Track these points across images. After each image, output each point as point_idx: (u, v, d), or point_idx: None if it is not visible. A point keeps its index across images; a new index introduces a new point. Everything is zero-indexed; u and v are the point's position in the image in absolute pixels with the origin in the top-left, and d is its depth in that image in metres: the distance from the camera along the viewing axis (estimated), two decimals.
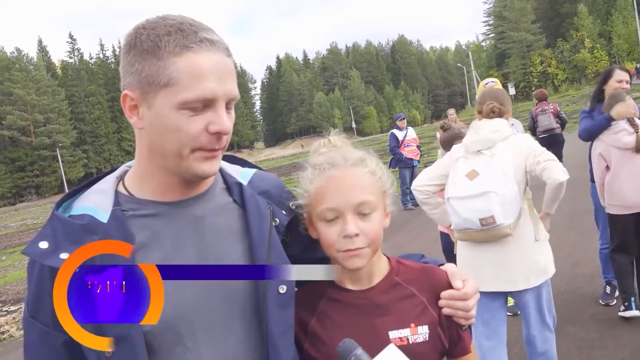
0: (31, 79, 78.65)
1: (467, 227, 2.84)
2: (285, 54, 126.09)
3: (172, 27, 1.01)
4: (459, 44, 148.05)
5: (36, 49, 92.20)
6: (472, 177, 2.85)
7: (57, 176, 77.24)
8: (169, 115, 1.01)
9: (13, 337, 7.10)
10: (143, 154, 1.11)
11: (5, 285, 10.98)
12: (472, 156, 2.96)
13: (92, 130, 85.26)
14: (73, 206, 1.11)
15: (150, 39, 1.01)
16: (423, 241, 8.24)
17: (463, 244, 3.07)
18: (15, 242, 19.46)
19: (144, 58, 1.01)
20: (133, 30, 1.04)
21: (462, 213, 2.81)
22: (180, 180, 1.12)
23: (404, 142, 11.29)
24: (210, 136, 1.04)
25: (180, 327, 1.06)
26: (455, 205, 2.84)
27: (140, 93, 1.03)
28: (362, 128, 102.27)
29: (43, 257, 1.01)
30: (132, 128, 1.09)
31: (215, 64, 1.03)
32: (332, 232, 1.19)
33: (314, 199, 1.21)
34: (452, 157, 3.09)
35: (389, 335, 1.21)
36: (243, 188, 1.22)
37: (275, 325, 1.11)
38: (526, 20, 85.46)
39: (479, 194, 2.78)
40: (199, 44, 1.01)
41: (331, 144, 1.30)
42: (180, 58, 1.00)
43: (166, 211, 1.12)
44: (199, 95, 1.00)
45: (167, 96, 1.01)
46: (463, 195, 2.83)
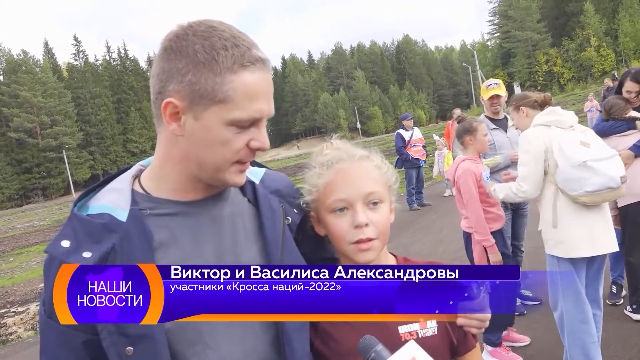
0: (38, 81, 79.03)
1: (610, 186, 2.99)
2: (290, 55, 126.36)
3: (228, 41, 1.02)
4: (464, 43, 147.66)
5: (42, 51, 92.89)
6: (587, 146, 3.05)
7: (63, 178, 77.55)
8: (218, 130, 1.03)
9: (21, 338, 7.14)
10: (173, 158, 1.11)
11: (12, 286, 11.05)
12: (568, 131, 3.14)
13: (98, 131, 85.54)
14: (89, 205, 1.12)
15: (205, 51, 1.00)
16: (428, 242, 8.24)
17: (575, 214, 3.11)
18: (22, 243, 19.56)
19: (199, 70, 1.01)
20: (182, 35, 1.03)
21: (608, 171, 2.97)
22: (204, 184, 1.14)
23: (410, 142, 11.28)
24: (249, 151, 1.08)
25: (200, 324, 1.06)
26: (598, 166, 2.97)
27: (188, 103, 1.03)
28: (367, 128, 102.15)
29: (66, 255, 1.01)
30: (137, 129, 1.06)
31: (266, 85, 1.06)
32: (342, 224, 1.21)
33: (323, 193, 1.24)
34: (539, 143, 3.17)
35: (399, 330, 1.22)
36: (256, 187, 1.24)
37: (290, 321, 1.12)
38: (531, 20, 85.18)
39: (612, 155, 3.04)
40: (254, 63, 1.03)
41: (334, 147, 1.33)
42: (236, 76, 1.01)
43: (184, 210, 1.13)
44: (251, 115, 1.04)
45: (219, 112, 1.02)
46: (602, 156, 3.01)
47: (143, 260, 1.03)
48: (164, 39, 1.06)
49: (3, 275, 12.93)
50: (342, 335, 1.21)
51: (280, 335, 1.13)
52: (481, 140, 3.80)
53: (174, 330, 1.04)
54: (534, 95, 3.54)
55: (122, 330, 1.00)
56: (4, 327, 7.64)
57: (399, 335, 1.21)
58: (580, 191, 3.00)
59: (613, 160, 3.02)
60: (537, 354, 3.91)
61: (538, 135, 3.17)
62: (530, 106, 3.51)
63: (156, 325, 1.00)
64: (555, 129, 3.13)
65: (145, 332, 1.00)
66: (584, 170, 2.96)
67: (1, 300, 9.68)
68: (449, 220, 9.53)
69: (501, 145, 4.53)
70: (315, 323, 1.23)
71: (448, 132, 13.03)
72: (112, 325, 1.00)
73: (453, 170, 3.88)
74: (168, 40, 1.05)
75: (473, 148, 3.85)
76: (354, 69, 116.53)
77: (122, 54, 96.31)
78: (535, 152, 3.16)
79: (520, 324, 4.36)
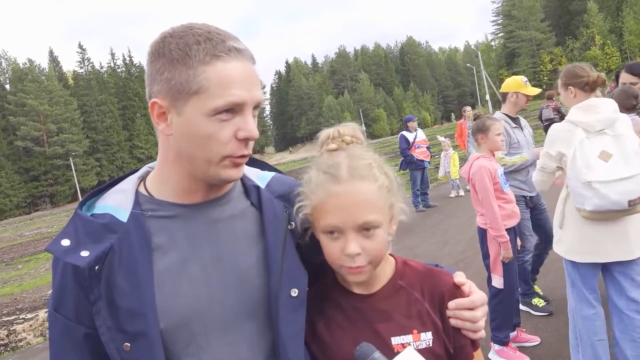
0: (44, 89, 79.62)
1: (612, 209, 2.84)
2: (294, 59, 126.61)
3: (201, 36, 1.04)
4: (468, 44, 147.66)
5: (47, 59, 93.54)
6: (606, 159, 2.85)
7: (70, 185, 78.05)
8: (199, 122, 1.04)
9: (30, 345, 7.19)
10: (168, 159, 1.13)
11: (21, 293, 11.12)
12: (594, 136, 2.92)
13: (104, 138, 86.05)
14: (96, 205, 1.14)
15: (179, 48, 1.03)
16: (434, 243, 8.22)
17: (580, 221, 3.05)
18: (30, 250, 19.70)
19: (174, 66, 1.03)
20: (160, 39, 1.07)
21: (612, 196, 2.80)
22: (203, 184, 1.14)
23: (414, 144, 11.26)
24: (239, 143, 1.07)
25: (194, 325, 1.09)
26: (602, 189, 2.82)
27: (170, 101, 1.05)
28: (372, 131, 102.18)
29: (64, 254, 1.04)
30: (143, 135, 1.05)
31: (243, 72, 1.06)
32: (333, 248, 1.16)
33: (316, 212, 1.17)
34: (561, 139, 3.05)
35: (391, 342, 1.19)
36: (260, 191, 1.23)
37: (286, 328, 1.12)
38: (535, 19, 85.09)
39: (628, 177, 2.79)
40: (228, 53, 1.04)
41: (340, 137, 1.23)
42: (209, 66, 1.03)
43: (184, 213, 1.14)
44: (228, 101, 1.03)
45: (197, 103, 1.03)
46: (609, 179, 2.81)
47: (140, 261, 1.05)
48: (148, 46, 1.09)
49: (12, 283, 13.03)
50: (338, 343, 1.20)
51: (276, 343, 1.13)
52: (493, 139, 3.81)
53: (169, 330, 1.06)
54: (585, 75, 3.14)
55: (119, 326, 1.03)
56: (14, 334, 7.70)
57: (392, 347, 1.18)
58: (581, 207, 2.94)
59: (628, 182, 2.79)
60: (545, 354, 3.89)
61: (560, 134, 3.07)
62: (581, 88, 3.17)
63: (151, 325, 1.03)
64: (581, 132, 2.94)
65: (141, 330, 1.03)
66: (587, 189, 2.85)
67: (11, 307, 9.75)
68: (455, 222, 9.52)
69: (523, 144, 4.57)
70: (312, 329, 1.22)
71: (460, 131, 13.01)
72: (110, 322, 1.03)
73: (468, 168, 3.90)
74: (150, 46, 1.08)
75: (485, 146, 3.87)
76: (358, 72, 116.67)
77: (127, 61, 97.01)
78: (550, 150, 3.11)
79: (528, 324, 4.36)
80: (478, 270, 4.99)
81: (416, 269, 1.29)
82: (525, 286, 4.64)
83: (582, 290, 3.14)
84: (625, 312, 3.04)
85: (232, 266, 1.14)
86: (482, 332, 1.23)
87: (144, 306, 1.03)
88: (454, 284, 1.24)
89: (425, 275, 1.27)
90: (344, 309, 1.24)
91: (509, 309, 3.89)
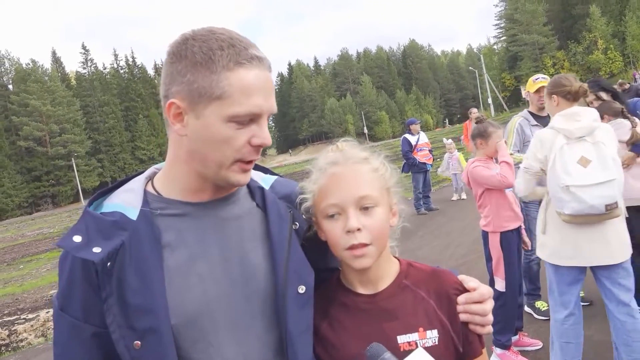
0: (46, 89, 79.74)
1: (590, 213, 2.93)
2: (296, 61, 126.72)
3: (224, 42, 1.06)
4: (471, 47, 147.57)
5: (50, 60, 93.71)
6: (585, 164, 2.95)
7: (72, 185, 78.09)
8: (218, 127, 1.06)
9: (31, 345, 7.18)
10: (180, 158, 1.15)
11: (22, 293, 11.12)
12: (574, 142, 3.02)
13: (107, 139, 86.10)
14: (104, 204, 1.16)
15: (203, 52, 1.05)
16: (436, 246, 8.21)
17: (561, 224, 3.11)
18: (32, 251, 19.70)
19: (197, 70, 1.05)
20: (182, 40, 1.08)
21: (589, 200, 2.89)
22: (211, 184, 1.16)
23: (416, 147, 11.28)
24: (251, 148, 1.10)
25: (204, 322, 1.10)
26: (579, 193, 2.91)
27: (188, 103, 1.07)
28: (374, 133, 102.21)
29: (77, 249, 1.05)
30: (145, 137, 1.05)
31: (263, 81, 1.09)
32: (335, 229, 1.19)
33: (318, 198, 1.22)
34: (546, 143, 3.12)
35: (398, 340, 1.19)
36: (265, 192, 1.26)
37: (294, 324, 1.14)
38: (538, 23, 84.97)
39: (605, 181, 2.89)
40: (250, 61, 1.07)
41: (339, 150, 1.29)
42: (232, 73, 1.05)
43: (192, 211, 1.16)
44: (249, 110, 1.06)
45: (218, 108, 1.05)
46: (587, 183, 2.90)
47: (151, 258, 1.07)
48: (168, 46, 1.11)
49: (13, 283, 13.03)
50: (343, 343, 1.21)
51: (284, 338, 1.14)
52: (492, 146, 3.82)
53: (179, 327, 1.07)
54: (568, 85, 3.25)
55: (130, 324, 1.04)
56: (15, 334, 7.69)
57: (398, 346, 1.18)
58: (561, 210, 3.03)
59: (604, 186, 2.89)
60: (547, 358, 3.86)
61: (544, 140, 3.16)
62: (563, 96, 3.28)
63: (162, 321, 1.04)
64: (562, 138, 3.05)
65: (151, 327, 1.03)
66: (566, 193, 2.94)
67: (12, 307, 9.75)
68: (457, 225, 9.51)
69: None
70: (316, 329, 1.22)
71: (467, 132, 13.03)
72: (121, 319, 1.04)
73: (466, 174, 3.94)
74: (170, 47, 1.10)
75: (483, 152, 3.86)
76: (360, 74, 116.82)
77: (130, 62, 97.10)
78: (537, 152, 3.17)
79: (530, 328, 4.35)
80: (480, 273, 4.97)
81: (421, 269, 1.31)
82: (531, 285, 4.63)
83: (555, 293, 3.23)
84: (617, 316, 3.11)
85: (240, 264, 1.15)
86: (490, 327, 1.25)
87: (154, 303, 1.04)
88: (460, 282, 1.26)
89: (431, 275, 1.28)
90: (349, 309, 1.25)
91: (512, 312, 3.88)
